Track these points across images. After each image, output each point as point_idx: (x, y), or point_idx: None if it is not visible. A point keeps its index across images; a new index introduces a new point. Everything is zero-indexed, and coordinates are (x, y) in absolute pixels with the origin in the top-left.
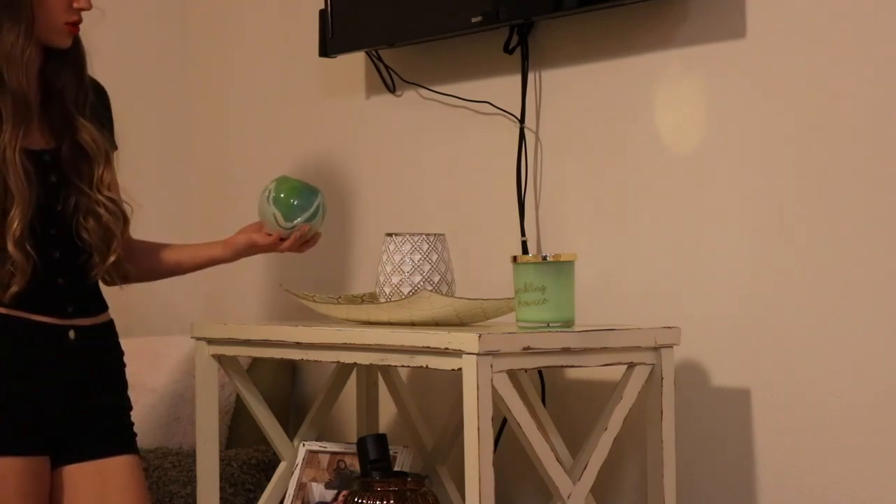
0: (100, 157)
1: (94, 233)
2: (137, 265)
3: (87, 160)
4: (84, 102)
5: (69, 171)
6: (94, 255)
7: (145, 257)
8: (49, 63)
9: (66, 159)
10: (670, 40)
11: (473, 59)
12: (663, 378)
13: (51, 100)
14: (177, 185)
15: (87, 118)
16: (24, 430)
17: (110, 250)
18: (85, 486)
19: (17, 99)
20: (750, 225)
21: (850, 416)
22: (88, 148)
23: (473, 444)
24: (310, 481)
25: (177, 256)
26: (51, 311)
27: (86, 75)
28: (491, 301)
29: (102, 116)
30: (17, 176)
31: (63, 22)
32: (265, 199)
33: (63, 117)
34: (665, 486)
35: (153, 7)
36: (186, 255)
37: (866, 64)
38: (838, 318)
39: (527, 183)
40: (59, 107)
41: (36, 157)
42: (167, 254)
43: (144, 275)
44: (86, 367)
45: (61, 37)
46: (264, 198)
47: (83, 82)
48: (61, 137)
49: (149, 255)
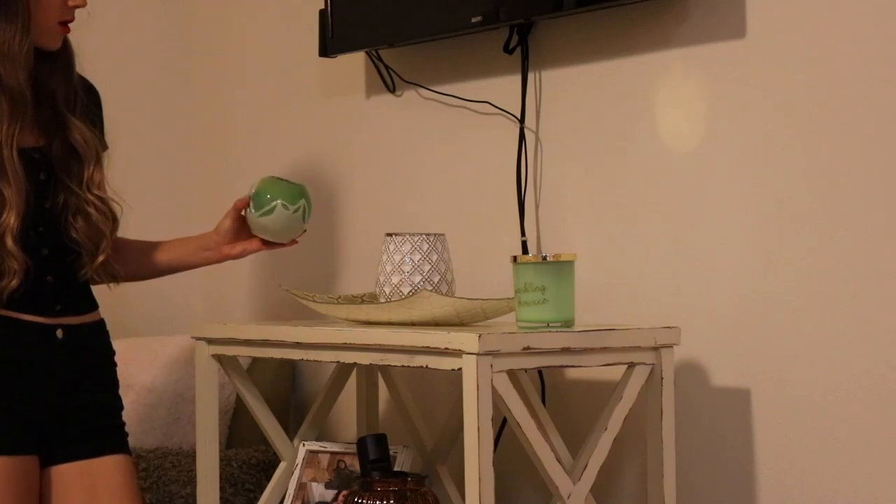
0: (90, 156)
1: (83, 232)
2: (128, 265)
3: (77, 159)
4: (75, 102)
5: (59, 170)
6: (83, 254)
7: (136, 257)
8: (40, 64)
9: (56, 158)
10: (670, 40)
11: (473, 59)
12: (663, 378)
13: (42, 99)
14: (177, 184)
15: (78, 117)
16: (12, 429)
17: (99, 250)
18: (75, 486)
19: (15, 97)
20: (750, 225)
21: (850, 416)
22: (79, 147)
23: (473, 444)
24: (310, 481)
25: (167, 256)
26: (38, 310)
27: (74, 74)
28: (491, 301)
29: (94, 115)
30: (14, 174)
31: (57, 21)
32: (290, 212)
33: (54, 116)
34: (665, 486)
35: (154, 7)
36: (177, 254)
37: (866, 64)
38: (838, 317)
39: (527, 183)
40: (51, 106)
41: (26, 155)
42: (158, 253)
43: (134, 274)
44: (74, 367)
45: (52, 38)
46: (290, 212)
47: (72, 81)
48: (52, 136)
49: (140, 254)
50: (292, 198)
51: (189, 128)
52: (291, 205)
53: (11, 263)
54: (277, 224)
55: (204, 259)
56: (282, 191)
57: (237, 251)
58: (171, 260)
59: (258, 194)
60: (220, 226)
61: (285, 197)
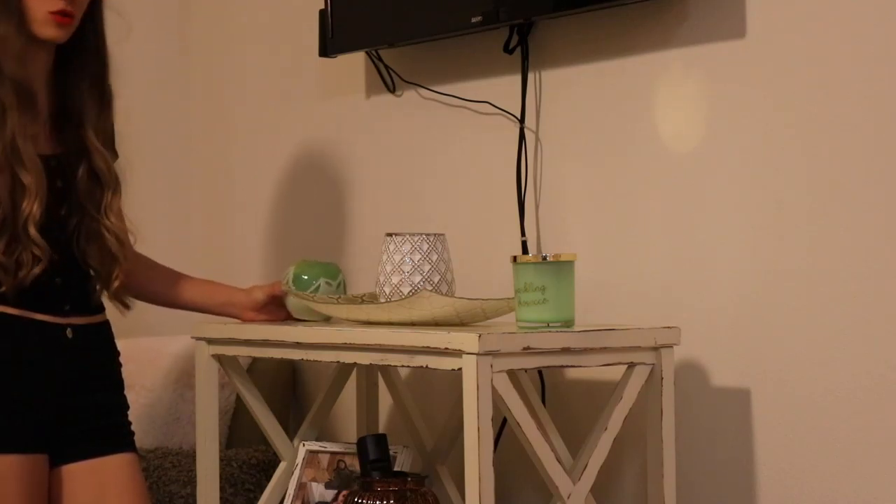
0: (111, 184)
1: (95, 258)
2: (149, 289)
3: (100, 185)
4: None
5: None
6: (96, 279)
7: (161, 286)
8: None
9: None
10: (670, 40)
11: (473, 59)
12: (663, 378)
13: (61, 108)
14: (177, 184)
15: (102, 142)
16: (20, 428)
17: (112, 276)
18: (83, 484)
19: (20, 90)
20: (750, 225)
21: (850, 416)
22: (102, 175)
23: (473, 444)
24: (310, 481)
25: (191, 297)
26: (48, 309)
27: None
28: (491, 301)
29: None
30: (32, 163)
31: (46, 11)
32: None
33: (76, 131)
34: (665, 486)
35: (153, 7)
36: (202, 300)
37: (866, 64)
38: (838, 317)
39: (527, 183)
40: (72, 119)
41: (44, 161)
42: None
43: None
44: (83, 366)
45: (47, 28)
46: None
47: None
48: (70, 148)
49: (166, 286)
50: (332, 274)
51: (189, 128)
52: (333, 280)
53: (35, 251)
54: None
55: (226, 313)
56: (321, 270)
57: (261, 319)
58: (196, 303)
59: (298, 277)
60: (254, 295)
61: (326, 275)
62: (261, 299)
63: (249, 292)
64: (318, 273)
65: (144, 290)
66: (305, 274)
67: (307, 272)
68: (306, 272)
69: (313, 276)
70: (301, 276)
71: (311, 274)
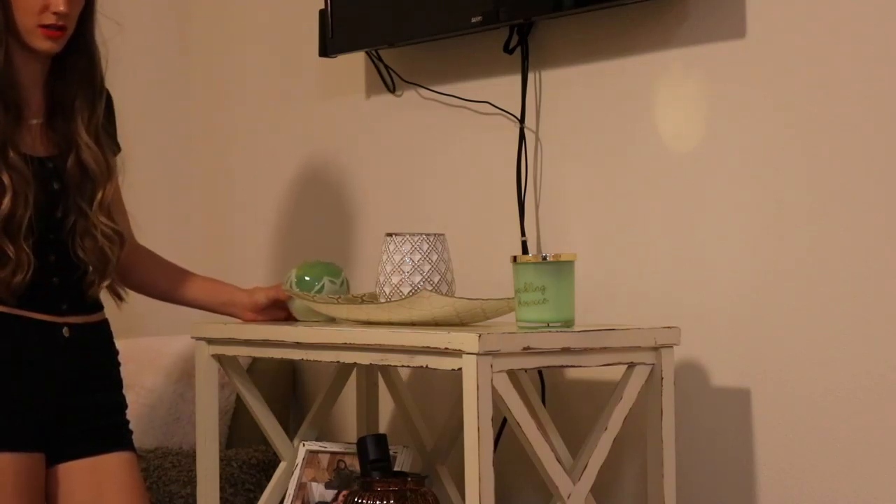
0: (102, 179)
1: (90, 253)
2: (150, 282)
3: (89, 179)
4: (90, 118)
5: (72, 187)
6: (91, 274)
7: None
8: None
9: (70, 175)
10: (670, 40)
11: (473, 59)
12: (663, 378)
13: (57, 109)
14: (177, 184)
15: (93, 137)
16: (17, 427)
17: (107, 272)
18: (81, 483)
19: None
20: (750, 225)
21: (850, 416)
22: (90, 168)
23: (473, 444)
24: (310, 481)
25: (194, 295)
26: (45, 309)
27: (97, 89)
28: (491, 301)
29: (106, 120)
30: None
31: (35, 25)
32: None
33: (69, 130)
34: (665, 486)
35: (152, 8)
36: (205, 298)
37: (866, 64)
38: (838, 317)
39: (527, 183)
40: (68, 122)
41: (39, 164)
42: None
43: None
44: (80, 365)
45: (36, 39)
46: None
47: (93, 97)
48: (65, 150)
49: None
50: (335, 273)
51: (188, 128)
52: (336, 279)
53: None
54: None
55: (227, 312)
56: (323, 269)
57: (262, 319)
58: (198, 300)
59: (300, 279)
60: (255, 297)
61: (328, 274)
62: (262, 301)
63: (251, 293)
64: (321, 273)
65: (147, 284)
66: (308, 275)
67: (309, 273)
68: (308, 273)
69: (316, 277)
70: (304, 278)
71: (313, 274)
